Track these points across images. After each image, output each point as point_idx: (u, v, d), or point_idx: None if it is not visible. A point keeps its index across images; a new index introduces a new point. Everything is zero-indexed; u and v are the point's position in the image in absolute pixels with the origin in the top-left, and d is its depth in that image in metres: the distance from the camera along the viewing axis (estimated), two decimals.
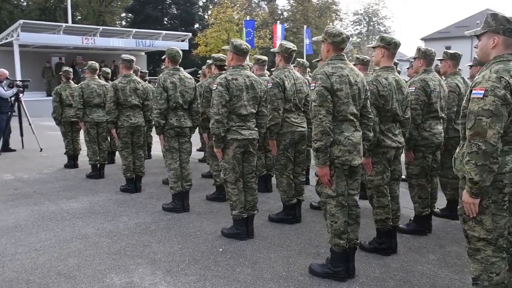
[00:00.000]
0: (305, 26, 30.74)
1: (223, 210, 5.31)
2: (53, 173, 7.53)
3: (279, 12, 48.15)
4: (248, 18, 34.58)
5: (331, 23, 51.26)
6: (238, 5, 35.66)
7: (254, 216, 4.41)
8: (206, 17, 42.74)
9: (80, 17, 36.49)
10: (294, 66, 5.94)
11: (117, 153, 8.36)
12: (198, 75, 9.59)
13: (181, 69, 5.22)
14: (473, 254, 2.56)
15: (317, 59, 5.57)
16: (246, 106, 4.21)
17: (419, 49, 4.44)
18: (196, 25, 41.94)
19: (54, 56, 22.49)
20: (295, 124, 4.67)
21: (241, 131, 4.19)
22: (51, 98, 7.92)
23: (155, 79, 22.77)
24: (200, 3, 44.71)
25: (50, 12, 34.10)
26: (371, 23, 59.78)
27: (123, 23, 41.80)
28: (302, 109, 4.79)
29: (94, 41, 21.15)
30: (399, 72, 4.40)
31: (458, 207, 2.63)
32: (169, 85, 5.01)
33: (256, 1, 47.71)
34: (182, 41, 25.90)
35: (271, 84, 4.55)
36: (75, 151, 8.00)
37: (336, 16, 53.04)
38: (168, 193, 5.98)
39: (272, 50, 5.08)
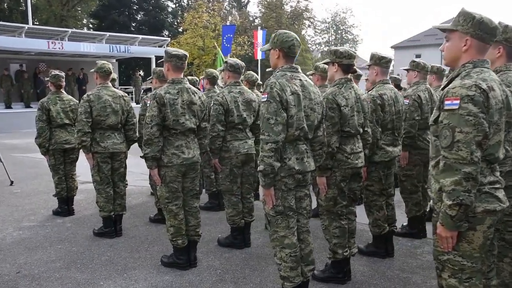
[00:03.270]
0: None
1: None
2: (40, 227, 5.05)
3: (251, 19, 46.41)
4: (228, 23, 32.60)
5: (303, 30, 50.19)
6: (213, 9, 33.54)
7: None
8: (176, 23, 40.38)
9: (38, 22, 33.07)
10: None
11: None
12: None
13: (298, 68, 3.01)
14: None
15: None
16: (503, 143, 2.08)
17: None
18: (166, 32, 39.47)
19: (13, 63, 19.47)
20: None
21: (497, 193, 2.04)
22: (10, 110, 5.51)
23: (128, 89, 20.17)
24: (170, 9, 42.33)
25: (4, 15, 30.55)
26: (339, 32, 59.49)
27: (85, 29, 38.65)
28: None
29: (62, 46, 18.32)
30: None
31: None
32: (290, 97, 2.79)
33: (228, 8, 45.83)
34: (160, 46, 23.47)
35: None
36: (70, 192, 5.54)
37: (310, 24, 51.98)
38: (243, 267, 3.78)
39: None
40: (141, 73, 24.09)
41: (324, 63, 4.15)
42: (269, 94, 2.76)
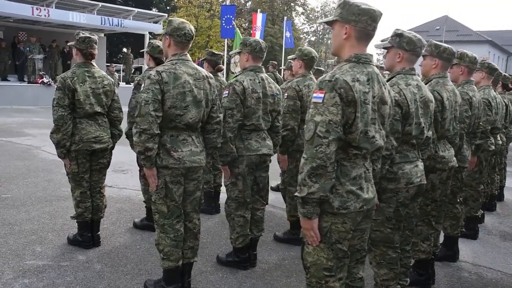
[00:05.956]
0: (285, 18, 27.50)
1: None
2: (55, 271, 3.28)
3: (243, 1, 44.40)
4: (226, 3, 30.58)
5: (296, 17, 48.72)
6: None
7: None
8: (165, 0, 37.91)
9: None
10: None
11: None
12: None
13: None
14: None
15: None
16: None
17: None
18: (155, 9, 37.04)
19: None
20: None
21: None
22: None
23: (115, 66, 18.08)
24: None
25: None
26: None
27: None
28: None
29: (48, 13, 16.15)
30: None
31: None
32: None
33: None
34: (156, 22, 21.39)
35: None
36: (97, 213, 3.78)
37: (303, 11, 50.27)
38: None
39: None
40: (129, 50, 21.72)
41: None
42: None
